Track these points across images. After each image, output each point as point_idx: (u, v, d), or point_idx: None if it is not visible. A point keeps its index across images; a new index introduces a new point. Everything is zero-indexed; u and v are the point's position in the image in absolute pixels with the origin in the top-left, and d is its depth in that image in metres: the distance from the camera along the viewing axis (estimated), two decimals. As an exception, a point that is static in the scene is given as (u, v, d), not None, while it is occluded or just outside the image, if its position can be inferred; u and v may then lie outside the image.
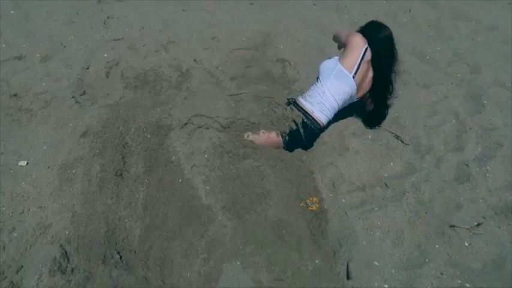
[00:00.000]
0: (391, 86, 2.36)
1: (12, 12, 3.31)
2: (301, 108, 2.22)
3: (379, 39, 2.24)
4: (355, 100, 2.35)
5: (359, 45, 2.20)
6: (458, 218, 1.94)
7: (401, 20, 3.66)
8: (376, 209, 1.97)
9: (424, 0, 4.01)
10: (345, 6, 3.82)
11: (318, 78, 2.29)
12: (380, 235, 1.87)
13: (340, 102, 2.24)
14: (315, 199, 2.02)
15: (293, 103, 2.26)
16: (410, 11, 3.80)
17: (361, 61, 2.19)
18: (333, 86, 2.19)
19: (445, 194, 2.05)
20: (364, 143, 2.33)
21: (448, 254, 1.80)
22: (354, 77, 2.19)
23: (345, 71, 2.18)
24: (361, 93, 2.33)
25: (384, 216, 1.94)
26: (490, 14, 3.79)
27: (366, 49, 2.20)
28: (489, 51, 3.22)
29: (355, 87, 2.22)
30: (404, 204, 2.00)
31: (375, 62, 2.25)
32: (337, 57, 2.27)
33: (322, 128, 2.30)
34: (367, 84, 2.31)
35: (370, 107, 2.44)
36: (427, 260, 1.77)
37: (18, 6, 3.39)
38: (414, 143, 2.34)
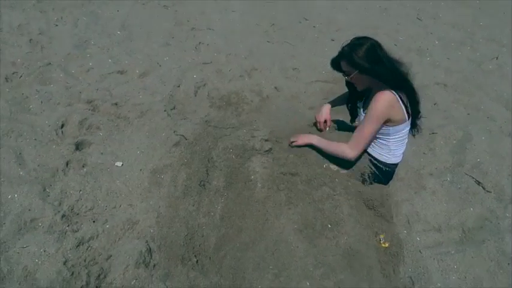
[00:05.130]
0: None
1: (119, 32, 3.75)
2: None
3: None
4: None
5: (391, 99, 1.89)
6: (545, 275, 1.82)
7: (487, 66, 3.57)
8: (452, 252, 1.91)
9: (512, 49, 3.90)
10: (427, 49, 3.82)
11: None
12: (456, 279, 1.81)
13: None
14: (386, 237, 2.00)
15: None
16: (497, 58, 3.70)
17: (403, 105, 1.93)
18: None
19: (531, 247, 1.94)
20: (442, 184, 2.29)
21: (532, 312, 1.69)
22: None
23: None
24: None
25: (461, 261, 1.87)
26: None
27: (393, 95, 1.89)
28: None
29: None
30: (484, 251, 1.92)
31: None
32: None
33: (397, 164, 2.27)
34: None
35: None
36: (507, 314, 1.68)
37: (124, 28, 3.83)
38: (497, 190, 2.25)
